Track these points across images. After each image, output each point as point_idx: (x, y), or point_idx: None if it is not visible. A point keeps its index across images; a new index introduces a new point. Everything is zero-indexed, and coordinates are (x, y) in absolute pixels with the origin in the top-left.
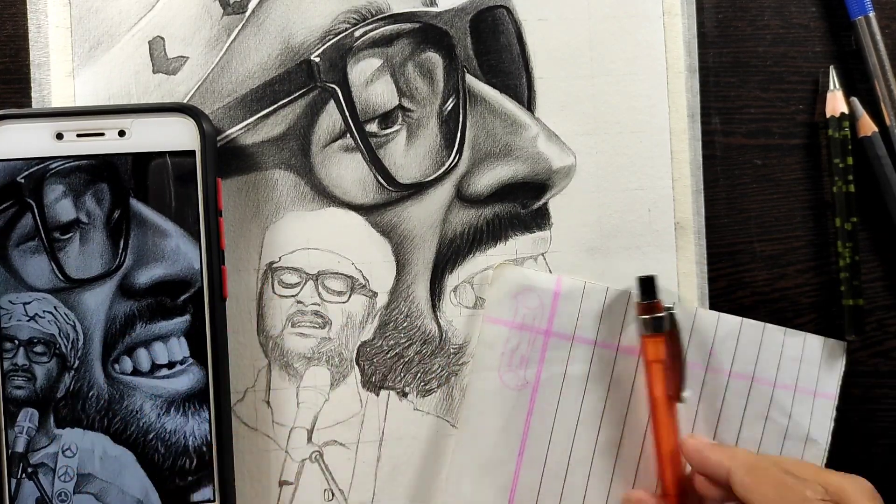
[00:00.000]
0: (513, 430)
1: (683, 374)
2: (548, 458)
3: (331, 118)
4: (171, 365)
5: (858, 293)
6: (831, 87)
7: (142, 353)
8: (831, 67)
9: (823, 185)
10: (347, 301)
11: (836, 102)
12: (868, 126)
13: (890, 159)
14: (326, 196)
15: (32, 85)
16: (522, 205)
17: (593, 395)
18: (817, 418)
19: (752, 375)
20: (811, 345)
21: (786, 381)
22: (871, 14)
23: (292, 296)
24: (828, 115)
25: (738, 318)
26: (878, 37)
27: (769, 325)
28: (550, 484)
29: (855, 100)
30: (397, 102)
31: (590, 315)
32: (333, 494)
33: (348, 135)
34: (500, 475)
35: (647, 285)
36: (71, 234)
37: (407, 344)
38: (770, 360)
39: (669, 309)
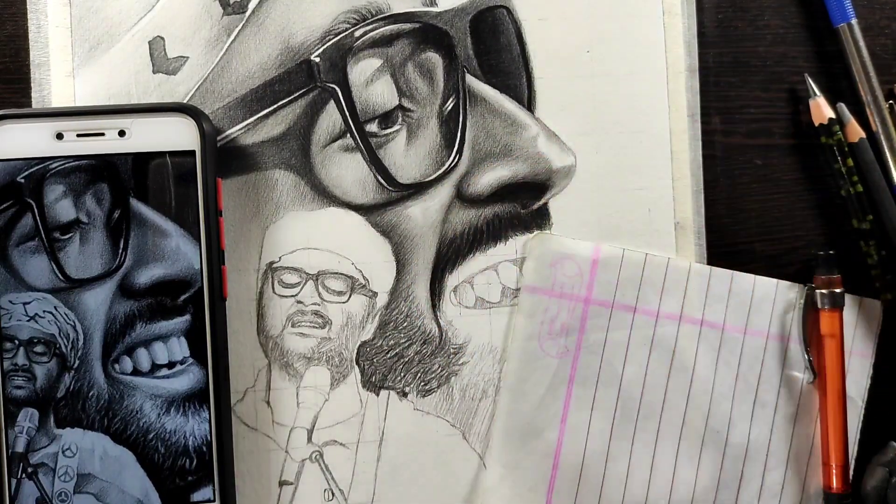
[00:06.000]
0: (555, 396)
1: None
2: (591, 425)
3: (331, 118)
4: (171, 365)
5: (893, 286)
6: (811, 95)
7: (142, 353)
8: (806, 75)
9: (824, 185)
10: (347, 301)
11: (819, 110)
12: (855, 132)
13: (878, 164)
14: (326, 196)
15: (32, 85)
16: (522, 205)
17: (635, 361)
18: (854, 378)
19: (788, 337)
20: (846, 305)
21: None
22: (854, 21)
23: (292, 296)
24: (816, 124)
25: (774, 280)
26: (861, 43)
27: (804, 286)
28: (595, 449)
29: (842, 105)
30: (397, 102)
31: (629, 283)
32: (333, 494)
33: (348, 135)
34: (543, 441)
35: (829, 261)
36: (71, 234)
37: (407, 344)
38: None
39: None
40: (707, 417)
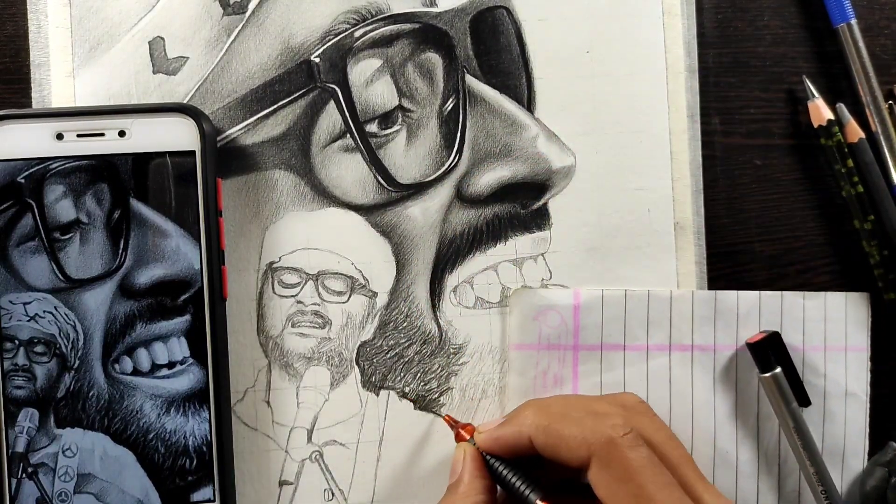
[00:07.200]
0: None
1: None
2: None
3: (331, 118)
4: (171, 365)
5: (895, 286)
6: (810, 97)
7: (142, 353)
8: (804, 77)
9: (823, 186)
10: (347, 301)
11: (818, 112)
12: (854, 132)
13: (877, 164)
14: (326, 196)
15: (32, 85)
16: (522, 205)
17: None
18: (853, 372)
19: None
20: (833, 303)
21: (814, 342)
22: (853, 21)
23: (292, 296)
24: (815, 126)
25: (756, 292)
26: (861, 44)
27: (787, 293)
28: None
29: (841, 106)
30: (397, 103)
31: (614, 322)
32: (333, 494)
33: (348, 135)
34: None
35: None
36: (71, 234)
37: (407, 344)
38: (795, 326)
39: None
40: (714, 440)
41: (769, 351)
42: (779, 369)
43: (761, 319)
